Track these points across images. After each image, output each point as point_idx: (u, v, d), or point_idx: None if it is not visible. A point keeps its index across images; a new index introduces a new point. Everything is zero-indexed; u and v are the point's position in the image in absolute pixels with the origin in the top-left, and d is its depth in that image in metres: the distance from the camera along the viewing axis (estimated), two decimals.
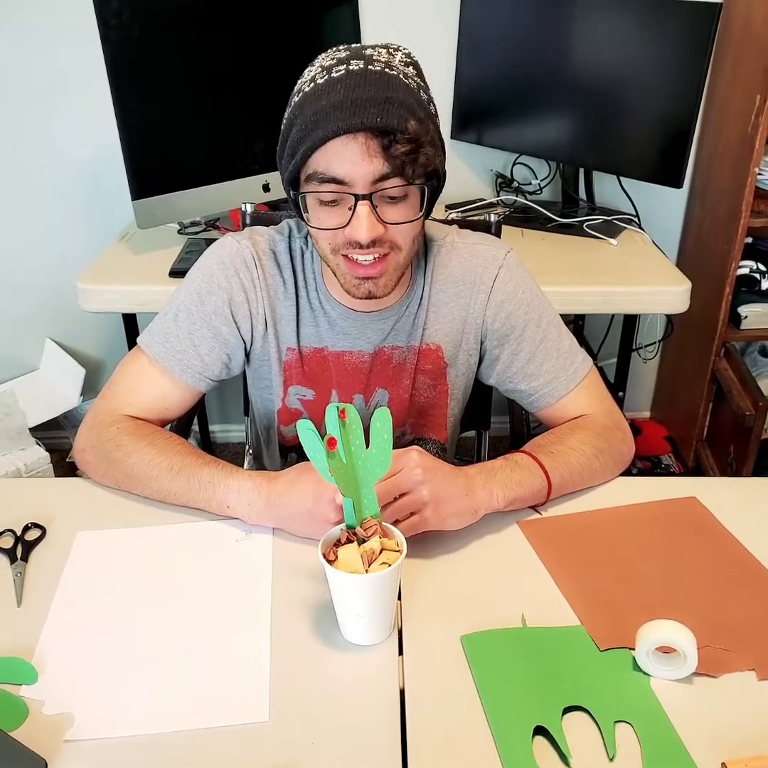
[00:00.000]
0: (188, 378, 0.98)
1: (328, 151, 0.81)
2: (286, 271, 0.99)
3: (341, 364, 1.02)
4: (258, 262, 0.98)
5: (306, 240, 1.00)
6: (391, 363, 1.03)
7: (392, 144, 0.80)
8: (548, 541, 0.87)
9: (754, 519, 0.91)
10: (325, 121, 0.79)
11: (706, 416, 2.08)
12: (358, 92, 0.79)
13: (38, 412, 1.99)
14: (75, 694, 0.69)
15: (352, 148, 0.80)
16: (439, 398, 1.08)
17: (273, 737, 0.65)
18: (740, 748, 0.64)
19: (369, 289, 0.89)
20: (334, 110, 0.79)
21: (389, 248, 0.87)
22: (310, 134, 0.81)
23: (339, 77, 0.81)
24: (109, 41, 1.43)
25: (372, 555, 0.71)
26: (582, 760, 0.63)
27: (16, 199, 1.94)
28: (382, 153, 0.80)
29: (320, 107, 0.80)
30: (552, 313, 1.04)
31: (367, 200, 0.82)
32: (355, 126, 0.79)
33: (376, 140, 0.80)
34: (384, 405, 1.05)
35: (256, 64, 1.63)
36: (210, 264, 0.98)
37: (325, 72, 0.82)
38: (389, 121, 0.79)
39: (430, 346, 1.03)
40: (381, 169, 0.81)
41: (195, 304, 0.97)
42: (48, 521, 0.89)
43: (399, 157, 0.80)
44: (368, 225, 0.83)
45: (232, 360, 1.01)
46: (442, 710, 0.68)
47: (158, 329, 0.98)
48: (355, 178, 0.81)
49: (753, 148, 1.70)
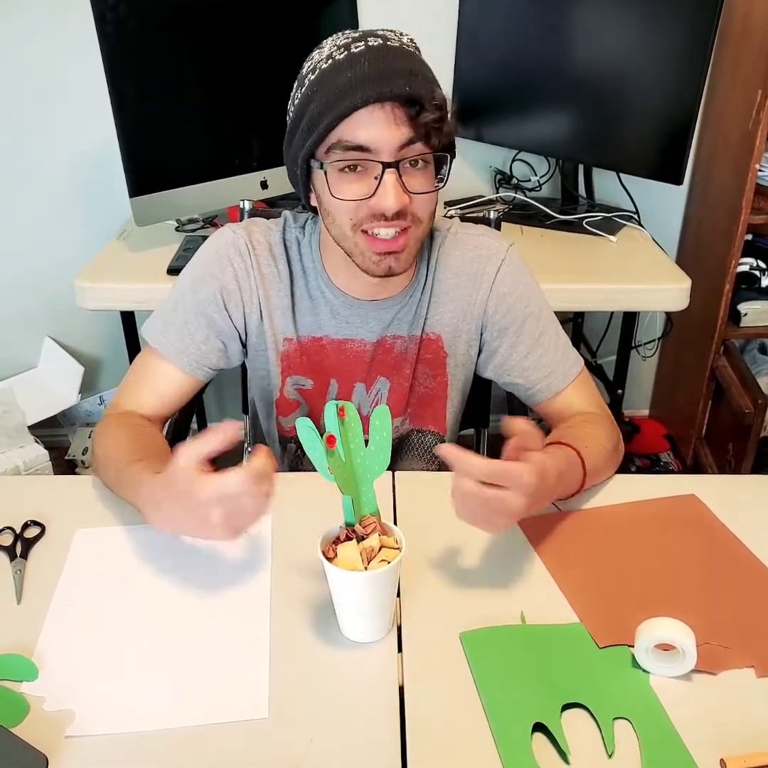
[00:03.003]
0: (186, 365, 0.98)
1: (354, 121, 0.82)
2: (280, 261, 0.99)
3: (342, 353, 1.02)
4: (252, 252, 0.98)
5: (303, 229, 1.00)
6: (393, 352, 1.03)
7: (420, 112, 0.81)
8: (547, 539, 0.87)
9: (753, 516, 0.91)
10: (353, 91, 0.80)
11: (705, 414, 2.07)
12: (383, 63, 0.81)
13: (37, 410, 1.99)
14: (76, 691, 0.69)
15: (379, 117, 0.81)
16: (438, 389, 1.08)
17: (272, 734, 0.65)
18: (739, 744, 0.64)
19: (390, 265, 0.89)
20: (361, 81, 0.80)
21: (410, 221, 0.87)
22: (334, 106, 0.81)
23: (360, 51, 0.82)
24: (106, 37, 1.42)
25: (371, 552, 0.71)
26: (581, 756, 0.63)
27: (14, 197, 1.94)
28: (408, 121, 0.82)
29: (345, 79, 0.81)
30: (549, 310, 1.05)
31: (394, 168, 0.83)
32: (385, 95, 0.80)
33: (403, 109, 0.81)
34: (385, 393, 1.06)
35: (254, 61, 1.62)
36: (206, 253, 1.00)
37: (343, 49, 0.83)
38: (417, 91, 0.81)
39: (430, 336, 1.03)
40: (406, 135, 0.82)
41: (189, 292, 0.98)
42: (47, 519, 0.89)
43: (427, 124, 0.82)
44: (395, 193, 0.83)
45: (228, 348, 1.01)
46: (442, 707, 0.68)
47: (159, 319, 1.00)
48: (382, 145, 0.82)
49: (753, 145, 1.70)
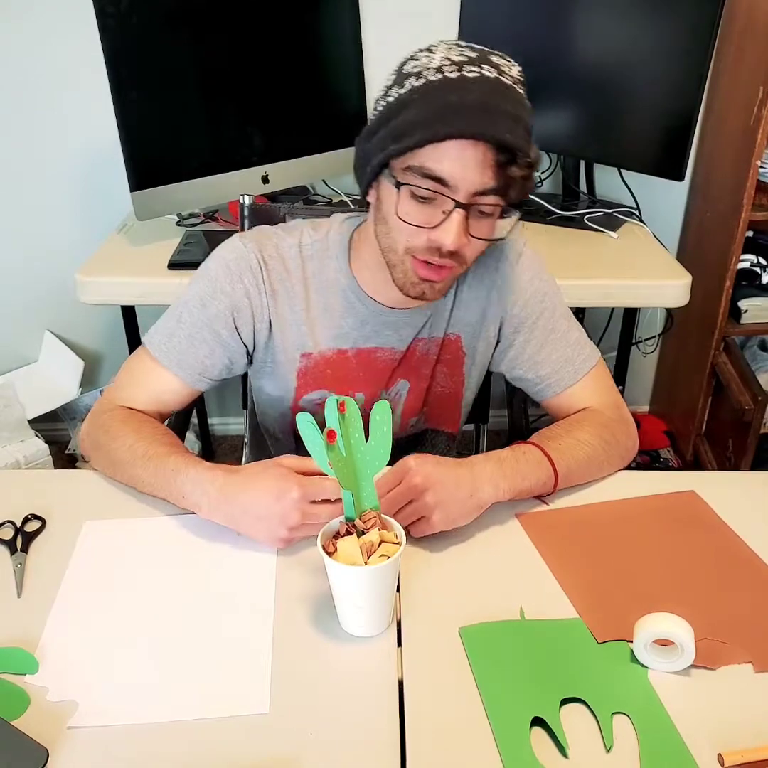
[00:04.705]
0: (187, 377, 0.97)
1: (443, 149, 0.78)
2: (295, 275, 0.97)
3: (371, 362, 1.01)
4: (264, 268, 0.95)
5: (326, 239, 0.96)
6: (416, 354, 1.03)
7: (510, 163, 0.78)
8: (547, 534, 0.88)
9: (753, 513, 0.91)
10: (453, 119, 0.76)
11: (705, 410, 2.07)
12: (492, 100, 0.77)
13: (37, 404, 1.99)
14: (79, 682, 0.69)
15: (469, 155, 0.77)
16: (454, 388, 1.08)
17: (273, 728, 0.66)
18: (737, 739, 0.65)
19: (424, 291, 0.88)
20: (465, 111, 0.76)
21: (457, 262, 0.85)
22: (429, 126, 0.77)
23: (473, 78, 0.78)
24: (107, 31, 1.42)
25: (371, 547, 0.71)
26: (579, 751, 0.64)
27: (15, 191, 1.93)
28: (495, 168, 0.78)
29: (449, 102, 0.77)
30: (564, 305, 1.04)
31: (464, 210, 0.80)
32: (483, 134, 0.76)
33: (495, 154, 0.77)
34: (404, 394, 1.06)
35: (256, 54, 1.62)
36: (215, 267, 0.97)
37: (456, 67, 0.78)
38: (516, 141, 0.77)
39: (450, 336, 1.03)
40: (488, 183, 0.79)
41: (197, 307, 0.96)
42: (48, 513, 0.89)
43: (513, 178, 0.79)
44: (457, 234, 0.81)
45: (233, 363, 1.00)
46: (441, 701, 0.68)
47: (163, 329, 0.98)
48: (462, 185, 0.79)
49: (755, 141, 1.69)
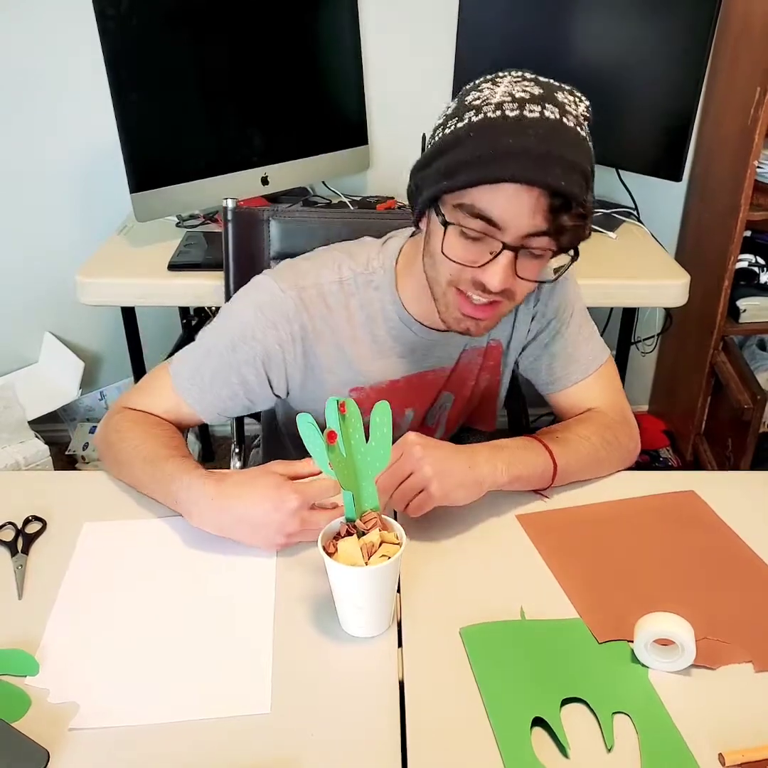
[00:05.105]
0: (205, 413, 0.97)
1: (494, 191, 0.76)
2: (338, 313, 0.94)
3: (421, 385, 1.01)
4: (306, 312, 0.93)
5: (367, 271, 0.94)
6: (461, 367, 1.03)
7: (563, 211, 0.76)
8: (547, 535, 0.88)
9: (752, 512, 0.92)
10: (507, 161, 0.75)
11: (704, 410, 2.08)
12: (551, 146, 0.75)
13: (37, 406, 1.99)
14: (79, 684, 0.69)
15: (522, 199, 0.76)
16: (493, 389, 1.09)
17: (274, 728, 0.66)
18: (737, 739, 0.65)
19: (469, 327, 0.87)
20: (520, 155, 0.74)
21: (505, 297, 0.84)
22: (485, 166, 0.75)
23: (533, 119, 0.75)
24: (107, 32, 1.42)
25: (372, 548, 0.71)
26: (580, 750, 0.64)
27: (15, 192, 1.93)
28: (548, 214, 0.77)
29: (506, 144, 0.75)
30: (581, 301, 1.05)
31: (513, 252, 0.79)
32: (538, 182, 0.74)
33: (549, 200, 0.76)
34: (448, 406, 1.06)
35: (255, 56, 1.62)
36: (248, 309, 0.93)
37: (517, 105, 0.76)
38: (571, 189, 0.75)
39: (492, 343, 1.03)
40: (539, 226, 0.77)
41: (227, 348, 0.94)
42: (48, 514, 0.89)
43: (565, 226, 0.77)
44: (504, 276, 0.80)
45: (255, 404, 0.99)
46: (442, 702, 0.68)
47: (189, 361, 0.96)
48: (512, 228, 0.77)
49: (752, 141, 1.69)
